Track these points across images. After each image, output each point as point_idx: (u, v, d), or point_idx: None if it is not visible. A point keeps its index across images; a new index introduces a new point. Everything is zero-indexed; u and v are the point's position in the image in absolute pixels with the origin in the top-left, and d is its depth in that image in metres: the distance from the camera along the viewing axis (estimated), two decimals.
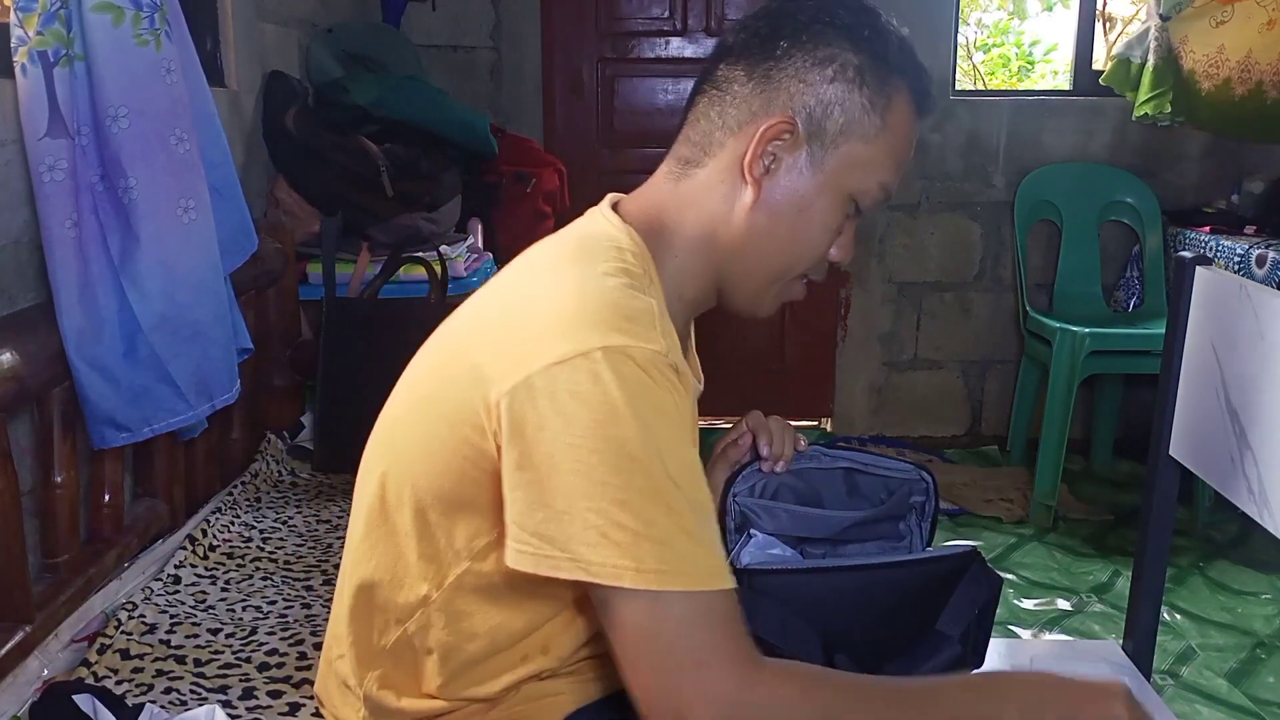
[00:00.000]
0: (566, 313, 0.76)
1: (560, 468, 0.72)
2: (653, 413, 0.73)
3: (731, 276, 0.91)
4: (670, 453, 0.74)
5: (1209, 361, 1.17)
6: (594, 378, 0.73)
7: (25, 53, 1.41)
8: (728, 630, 0.73)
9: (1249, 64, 2.54)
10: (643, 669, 0.73)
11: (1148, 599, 1.29)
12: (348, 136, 2.38)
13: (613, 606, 0.73)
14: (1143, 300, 3.08)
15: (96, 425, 1.54)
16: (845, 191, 0.88)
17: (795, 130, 0.86)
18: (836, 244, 0.91)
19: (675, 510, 0.73)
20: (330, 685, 0.95)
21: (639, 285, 0.81)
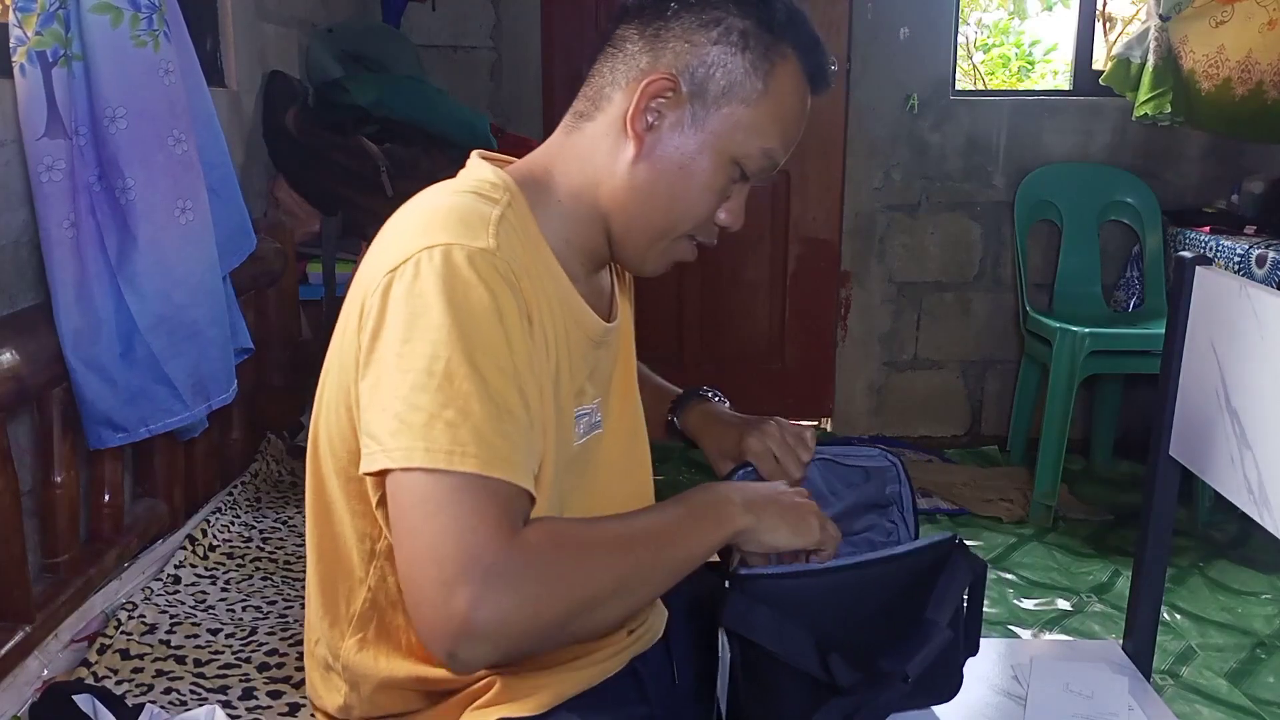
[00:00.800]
0: (406, 228, 0.82)
1: (386, 367, 0.76)
2: (465, 307, 0.76)
3: (615, 230, 0.92)
4: (478, 346, 0.76)
5: (1209, 361, 1.17)
6: (415, 277, 0.77)
7: (24, 53, 1.41)
8: (504, 512, 0.74)
9: (1249, 64, 2.54)
10: (416, 543, 0.73)
11: (1148, 599, 1.29)
12: (348, 136, 2.38)
13: (404, 489, 0.74)
14: (1143, 300, 3.08)
15: (93, 425, 1.54)
16: (727, 154, 0.89)
17: (677, 88, 0.88)
18: (725, 208, 0.93)
19: (471, 397, 0.75)
20: (314, 677, 0.96)
21: (487, 199, 0.84)
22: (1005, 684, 1.20)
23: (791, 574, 0.91)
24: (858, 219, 3.27)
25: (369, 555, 0.87)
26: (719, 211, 0.93)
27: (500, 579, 0.72)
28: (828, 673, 0.88)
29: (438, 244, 0.78)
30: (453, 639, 0.71)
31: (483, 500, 0.73)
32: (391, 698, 0.90)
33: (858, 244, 3.28)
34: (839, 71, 3.17)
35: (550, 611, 0.74)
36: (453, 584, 0.71)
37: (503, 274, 0.79)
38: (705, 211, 0.92)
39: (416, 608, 0.73)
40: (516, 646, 0.74)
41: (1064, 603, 2.38)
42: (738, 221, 0.95)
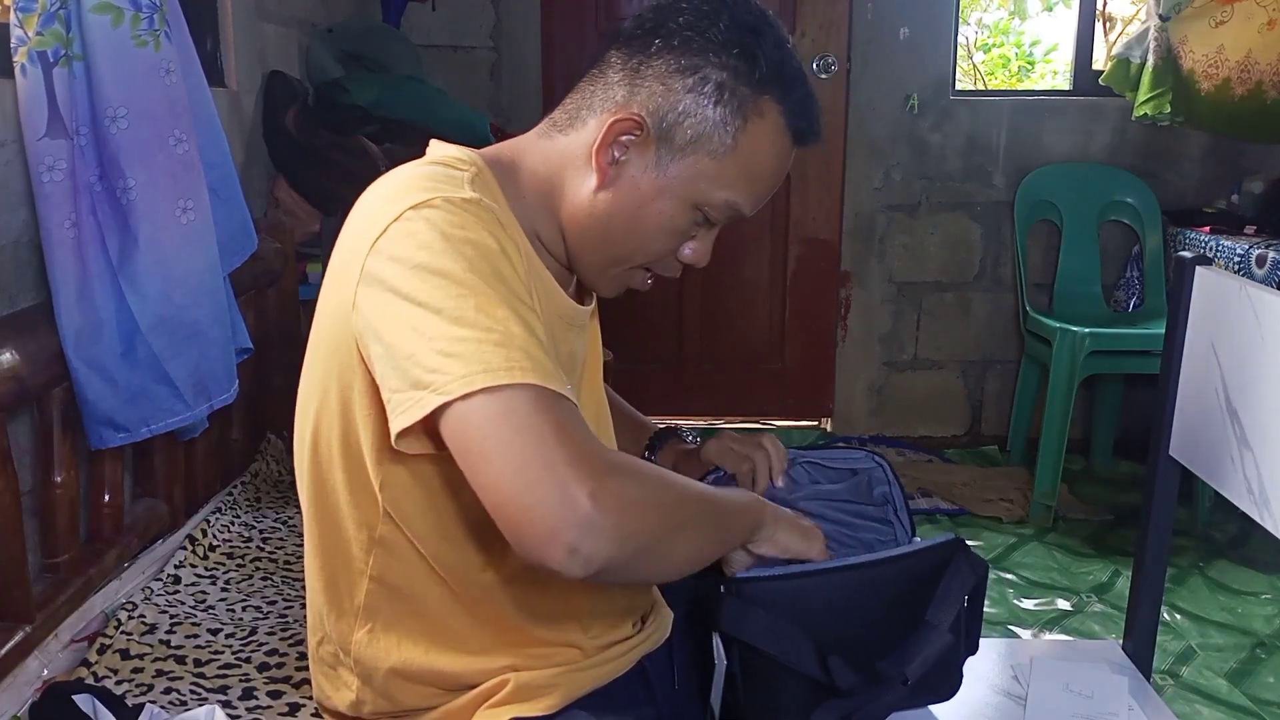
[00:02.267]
0: (381, 199, 0.82)
1: (401, 324, 0.75)
2: (470, 244, 0.77)
3: (571, 247, 0.93)
4: (494, 279, 0.76)
5: (1209, 361, 1.17)
6: (407, 233, 0.77)
7: (25, 53, 1.41)
8: (575, 429, 0.73)
9: (1249, 64, 2.54)
10: (511, 459, 0.71)
11: (1148, 599, 1.29)
12: (348, 136, 2.38)
13: (468, 422, 0.72)
14: (1143, 300, 3.08)
15: (94, 425, 1.54)
16: (689, 200, 0.90)
17: (645, 129, 0.88)
18: (690, 247, 0.94)
19: (509, 321, 0.74)
20: (321, 678, 0.96)
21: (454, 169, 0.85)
22: (1005, 684, 1.20)
23: (789, 575, 0.91)
24: (858, 219, 3.27)
25: (369, 544, 0.87)
26: (684, 249, 0.94)
27: (611, 471, 0.73)
28: (827, 674, 0.88)
29: (421, 201, 0.78)
30: (577, 532, 0.70)
31: (559, 408, 0.73)
32: (405, 691, 0.90)
33: (858, 244, 3.28)
34: (839, 71, 3.18)
35: (654, 510, 0.76)
36: (568, 479, 0.70)
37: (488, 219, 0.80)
38: (661, 250, 0.92)
39: (527, 516, 0.71)
40: (632, 539, 0.73)
41: (1064, 603, 2.38)
42: (701, 260, 0.96)
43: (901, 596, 0.92)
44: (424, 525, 0.86)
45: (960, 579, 0.94)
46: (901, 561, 0.94)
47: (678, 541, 0.79)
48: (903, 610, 0.92)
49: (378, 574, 0.88)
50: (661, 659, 1.01)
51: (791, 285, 3.37)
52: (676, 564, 0.82)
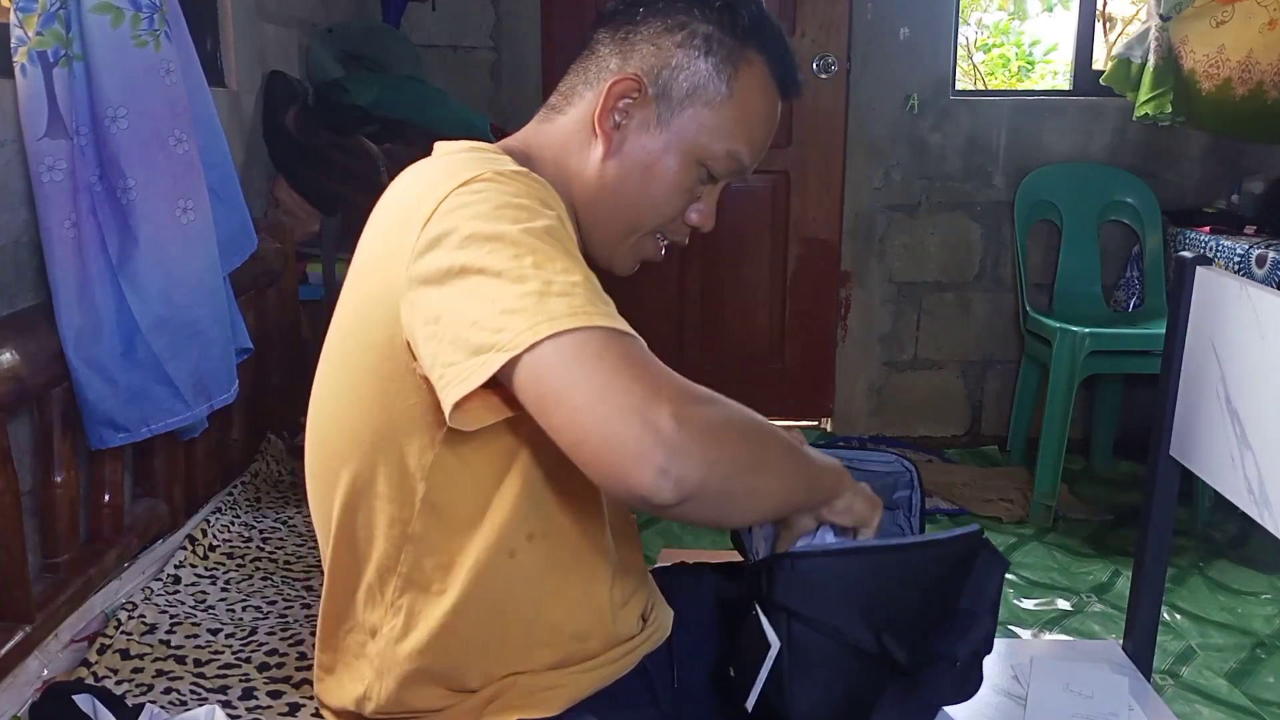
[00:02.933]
0: (425, 185, 0.81)
1: (460, 295, 0.74)
2: (522, 207, 0.77)
3: (585, 224, 0.94)
4: (552, 236, 0.76)
5: (1209, 361, 1.17)
6: (460, 205, 0.77)
7: (25, 53, 1.41)
8: (650, 362, 0.73)
9: (1250, 64, 2.54)
10: (589, 392, 0.70)
11: (1148, 599, 1.29)
12: (348, 136, 2.38)
13: (540, 371, 0.71)
14: (1143, 300, 3.08)
15: (95, 425, 1.54)
16: (692, 155, 0.92)
17: (643, 89, 0.90)
18: (695, 209, 0.95)
19: (570, 271, 0.74)
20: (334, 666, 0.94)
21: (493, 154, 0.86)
22: (1005, 684, 1.20)
23: (839, 551, 0.89)
24: (858, 219, 3.27)
25: (400, 539, 0.86)
26: (689, 212, 0.95)
27: (693, 398, 0.72)
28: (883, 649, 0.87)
29: (470, 177, 0.78)
30: (664, 454, 0.69)
31: (631, 345, 0.72)
32: (417, 693, 0.89)
33: (858, 244, 3.28)
34: (839, 71, 3.18)
35: (740, 438, 0.76)
36: (647, 404, 0.69)
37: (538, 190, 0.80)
38: (672, 210, 0.94)
39: (609, 446, 0.69)
40: (720, 464, 0.72)
41: (1064, 603, 2.38)
42: (708, 222, 0.97)
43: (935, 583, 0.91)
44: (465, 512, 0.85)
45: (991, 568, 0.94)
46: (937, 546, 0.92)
47: (766, 476, 0.79)
48: (936, 597, 0.92)
49: (409, 570, 0.87)
50: (662, 657, 1.01)
51: (791, 285, 3.37)
52: (764, 503, 0.82)
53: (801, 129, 3.21)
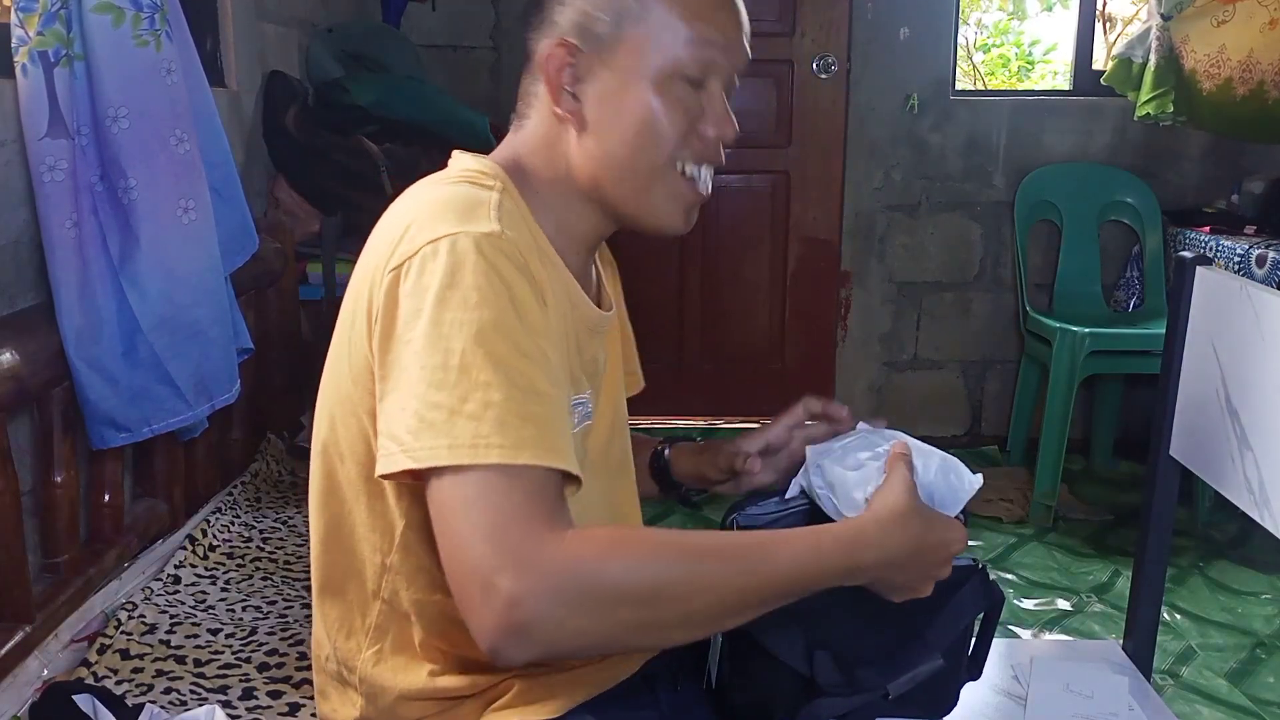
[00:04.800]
0: (405, 222, 0.80)
1: (400, 365, 0.75)
2: (476, 295, 0.75)
3: (612, 201, 0.90)
4: (493, 332, 0.74)
5: (1209, 361, 1.17)
6: (421, 272, 0.76)
7: (26, 53, 1.41)
8: (537, 501, 0.72)
9: (1250, 64, 2.54)
10: (453, 544, 0.71)
11: (1148, 599, 1.29)
12: (348, 136, 2.38)
13: (435, 490, 0.73)
14: (1143, 300, 3.08)
15: (96, 425, 1.54)
16: (658, 75, 0.86)
17: (573, 50, 0.87)
18: (707, 122, 0.89)
19: (491, 387, 0.72)
20: (328, 689, 0.95)
21: (482, 185, 0.84)
22: (1005, 684, 1.20)
23: None
24: (858, 219, 3.27)
25: (380, 569, 0.86)
26: (704, 128, 0.89)
27: (537, 576, 0.69)
28: (810, 668, 0.88)
29: (442, 235, 0.77)
30: (495, 637, 0.69)
31: (513, 492, 0.71)
32: (410, 708, 0.89)
33: (858, 244, 3.28)
34: (839, 71, 3.18)
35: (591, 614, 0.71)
36: (489, 585, 0.68)
37: (510, 256, 0.77)
38: (673, 138, 0.87)
39: (460, 606, 0.71)
40: (560, 645, 0.71)
41: (1064, 603, 2.38)
42: (727, 128, 0.90)
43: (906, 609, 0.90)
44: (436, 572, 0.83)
45: (966, 607, 0.93)
46: None
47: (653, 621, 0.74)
48: (905, 623, 0.91)
49: (389, 597, 0.87)
50: (663, 661, 1.00)
51: (791, 285, 3.37)
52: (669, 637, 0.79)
53: (801, 129, 3.21)
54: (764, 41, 3.23)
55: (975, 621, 0.96)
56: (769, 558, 0.76)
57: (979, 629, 0.98)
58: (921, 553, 0.83)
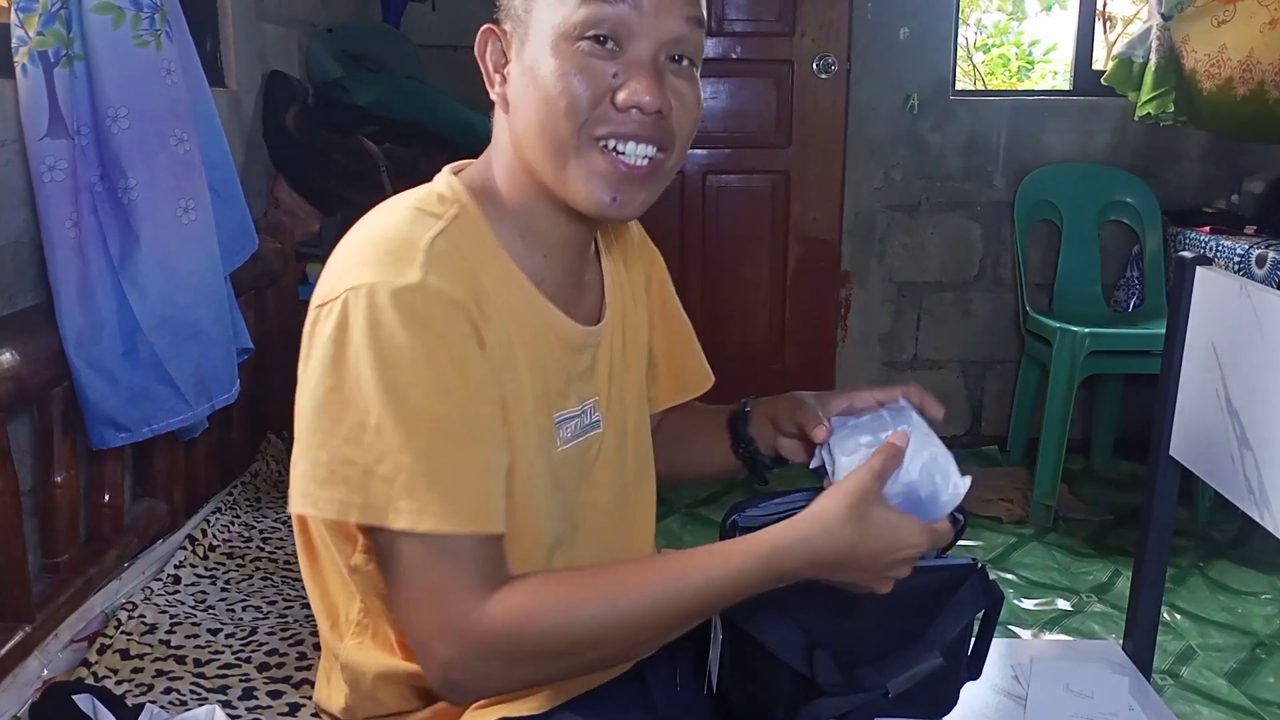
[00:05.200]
0: (342, 258, 0.81)
1: (315, 412, 0.77)
2: (390, 354, 0.75)
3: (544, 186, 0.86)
4: (407, 393, 0.74)
5: (1209, 361, 1.17)
6: (339, 325, 0.76)
7: (26, 53, 1.41)
8: (463, 566, 0.75)
9: (1251, 64, 2.54)
10: (395, 597, 0.78)
11: (1148, 599, 1.29)
12: (348, 136, 2.38)
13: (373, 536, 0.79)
14: (1143, 300, 3.08)
15: (96, 425, 1.54)
16: (557, 38, 0.81)
17: (498, 32, 0.87)
18: (621, 89, 0.81)
19: (403, 451, 0.74)
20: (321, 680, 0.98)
21: (428, 214, 0.82)
22: (1005, 684, 1.20)
23: None
24: (858, 219, 3.27)
25: (350, 570, 0.88)
26: (617, 94, 0.81)
27: (466, 644, 0.75)
28: (810, 667, 0.88)
29: (362, 284, 0.76)
30: (439, 688, 0.78)
31: (441, 560, 0.75)
32: (390, 693, 0.90)
33: (858, 244, 3.28)
34: (839, 71, 3.18)
35: (521, 669, 0.77)
36: (427, 647, 0.76)
37: (430, 308, 0.76)
38: (580, 104, 0.81)
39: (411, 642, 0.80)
40: (499, 692, 0.80)
41: (1064, 603, 2.38)
42: (637, 96, 0.81)
43: (906, 609, 0.91)
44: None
45: (965, 606, 0.93)
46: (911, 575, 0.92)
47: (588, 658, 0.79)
48: (902, 622, 0.92)
49: (363, 595, 0.89)
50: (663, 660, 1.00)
51: (791, 285, 3.37)
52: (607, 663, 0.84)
53: (801, 129, 3.21)
54: (764, 41, 3.24)
55: (975, 621, 0.96)
56: (683, 587, 0.78)
57: (978, 628, 0.98)
58: (858, 558, 0.80)
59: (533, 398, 0.86)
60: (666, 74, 0.83)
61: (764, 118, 3.21)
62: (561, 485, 0.89)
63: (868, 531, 0.80)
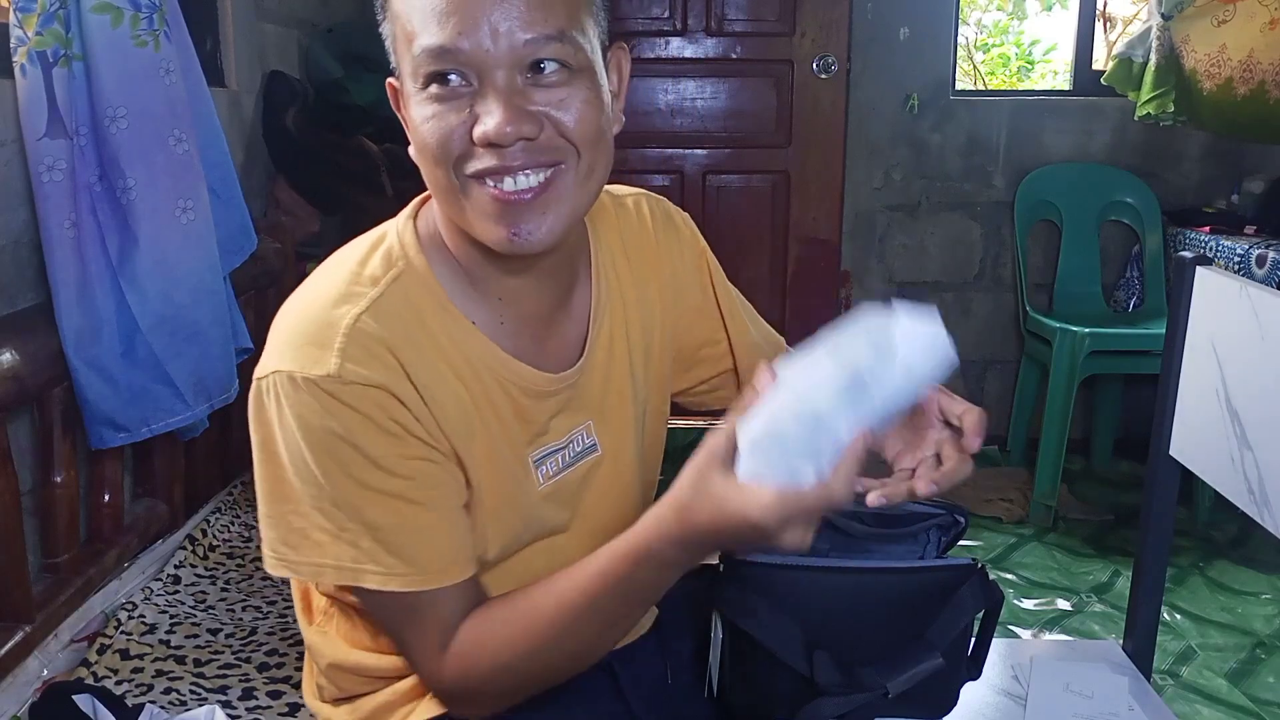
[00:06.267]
0: (273, 333, 0.82)
1: (264, 479, 0.80)
2: (321, 436, 0.77)
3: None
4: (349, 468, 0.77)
5: (1209, 361, 1.17)
6: (272, 405, 0.78)
7: (25, 53, 1.41)
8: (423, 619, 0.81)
9: (1251, 64, 2.54)
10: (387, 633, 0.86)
11: (1148, 599, 1.28)
12: (348, 136, 2.38)
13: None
14: (1143, 300, 3.08)
15: (95, 425, 1.54)
16: (413, 87, 0.78)
17: (393, 86, 0.84)
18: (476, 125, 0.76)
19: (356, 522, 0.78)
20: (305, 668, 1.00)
21: (357, 290, 0.81)
22: (1005, 684, 1.20)
23: (788, 566, 0.90)
24: (858, 219, 3.27)
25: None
26: (471, 129, 0.76)
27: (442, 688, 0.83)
28: (810, 667, 0.88)
29: (283, 370, 0.77)
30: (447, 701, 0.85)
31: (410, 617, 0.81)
32: (350, 680, 0.93)
33: (858, 244, 3.28)
34: (839, 71, 3.18)
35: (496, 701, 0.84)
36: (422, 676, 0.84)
37: (347, 394, 0.76)
38: (448, 147, 0.77)
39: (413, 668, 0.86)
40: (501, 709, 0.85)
41: (1064, 603, 2.38)
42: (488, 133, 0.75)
43: (904, 609, 0.90)
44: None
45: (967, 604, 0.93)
46: (908, 575, 0.92)
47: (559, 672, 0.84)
48: (903, 622, 0.91)
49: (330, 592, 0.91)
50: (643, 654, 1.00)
51: (791, 285, 3.37)
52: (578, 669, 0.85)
53: (801, 129, 3.21)
54: (764, 41, 3.24)
55: (975, 621, 0.96)
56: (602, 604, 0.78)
57: (978, 629, 0.98)
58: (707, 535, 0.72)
59: (505, 444, 0.85)
60: (532, 91, 0.77)
61: (764, 118, 3.21)
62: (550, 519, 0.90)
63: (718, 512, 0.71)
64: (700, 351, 1.08)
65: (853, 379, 0.69)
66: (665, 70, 3.22)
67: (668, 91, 3.24)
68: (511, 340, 0.86)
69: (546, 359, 0.89)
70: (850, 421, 0.68)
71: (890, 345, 0.70)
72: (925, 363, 0.70)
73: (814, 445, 0.68)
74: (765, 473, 0.68)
